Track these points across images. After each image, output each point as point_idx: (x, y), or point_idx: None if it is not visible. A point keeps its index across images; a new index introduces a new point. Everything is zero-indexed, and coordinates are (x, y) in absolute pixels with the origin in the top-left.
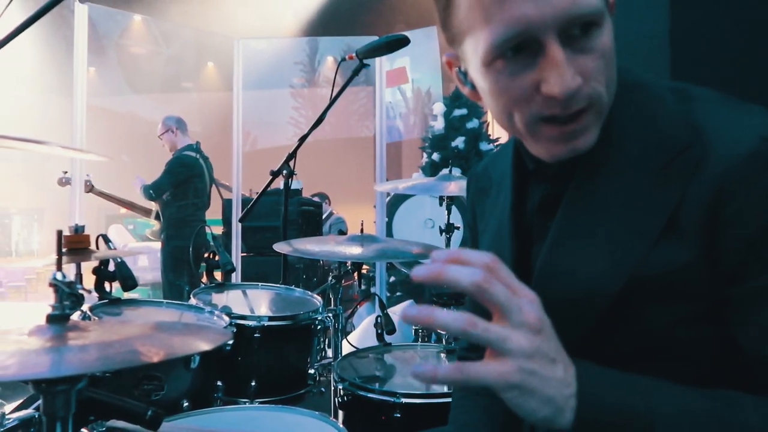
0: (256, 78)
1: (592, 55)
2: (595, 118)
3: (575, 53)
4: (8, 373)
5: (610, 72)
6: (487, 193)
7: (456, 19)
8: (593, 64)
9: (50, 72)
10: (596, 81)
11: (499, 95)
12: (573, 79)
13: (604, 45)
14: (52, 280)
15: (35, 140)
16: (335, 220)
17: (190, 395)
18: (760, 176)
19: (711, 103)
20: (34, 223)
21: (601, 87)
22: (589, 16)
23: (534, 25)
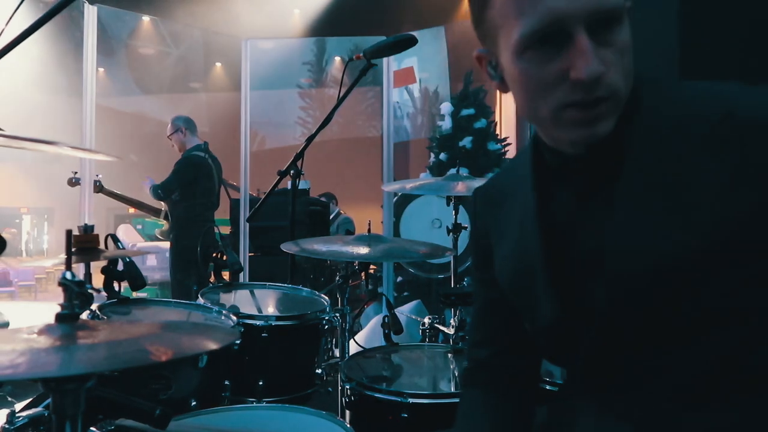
0: (264, 78)
1: (612, 48)
2: (613, 108)
3: (599, 46)
4: (18, 372)
5: (628, 66)
6: (499, 205)
7: (491, 14)
8: (613, 56)
9: (60, 73)
10: (616, 73)
11: (528, 83)
12: (598, 66)
13: (624, 40)
14: (62, 280)
15: (45, 140)
16: (343, 220)
17: (198, 394)
18: None
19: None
20: (44, 222)
21: (620, 79)
22: (612, 11)
23: (564, 17)
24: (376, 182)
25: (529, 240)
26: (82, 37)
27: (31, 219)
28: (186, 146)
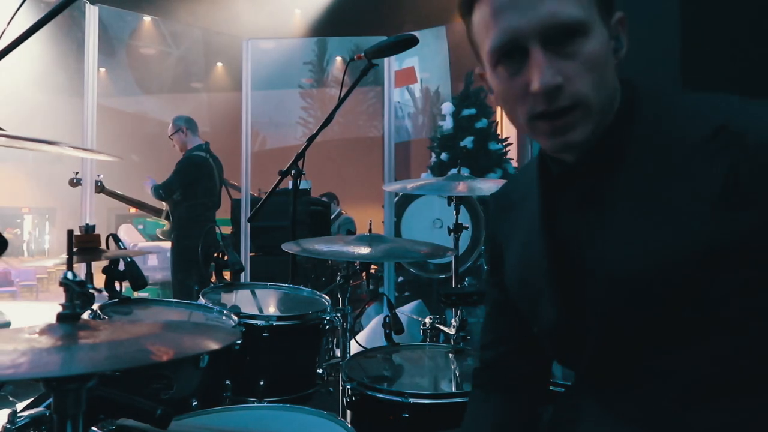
0: (265, 78)
1: (576, 60)
2: (582, 116)
3: (559, 57)
4: (20, 372)
5: (597, 77)
6: (510, 210)
7: (472, 34)
8: (577, 67)
9: (61, 73)
10: (580, 83)
11: (502, 96)
12: (552, 78)
13: (589, 52)
14: (63, 280)
15: (46, 140)
16: (344, 220)
17: (199, 394)
18: None
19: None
20: (45, 222)
21: (585, 89)
22: (567, 25)
23: (519, 33)
24: (377, 182)
25: (535, 245)
26: (83, 37)
27: (32, 219)
28: (187, 146)
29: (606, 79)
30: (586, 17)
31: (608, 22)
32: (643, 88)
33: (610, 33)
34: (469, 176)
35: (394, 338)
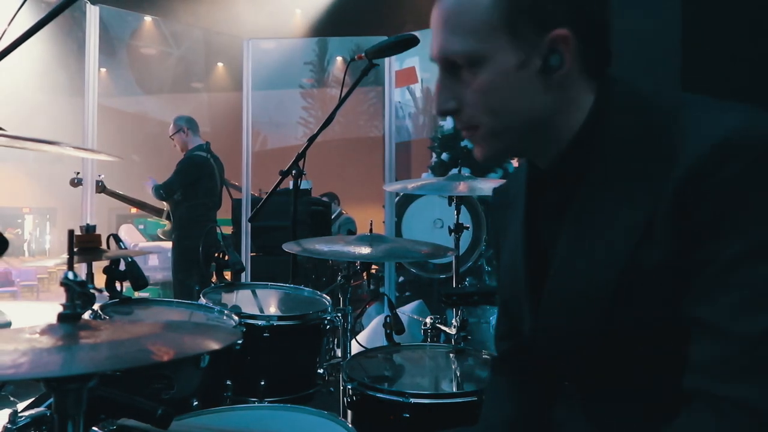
0: (266, 78)
1: (470, 87)
2: (484, 137)
3: (457, 82)
4: (20, 372)
5: (494, 102)
6: (505, 208)
7: None
8: (470, 95)
9: (62, 73)
10: (473, 109)
11: None
12: (443, 104)
13: (481, 80)
14: (64, 280)
15: (47, 141)
16: (344, 220)
17: (200, 394)
18: (720, 168)
19: (699, 104)
20: (46, 222)
21: (479, 115)
22: (452, 59)
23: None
24: (377, 182)
25: (518, 249)
26: (84, 37)
27: (33, 219)
28: (188, 146)
29: (510, 102)
30: (477, 49)
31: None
32: (621, 98)
33: (528, 55)
34: (469, 176)
35: (394, 338)
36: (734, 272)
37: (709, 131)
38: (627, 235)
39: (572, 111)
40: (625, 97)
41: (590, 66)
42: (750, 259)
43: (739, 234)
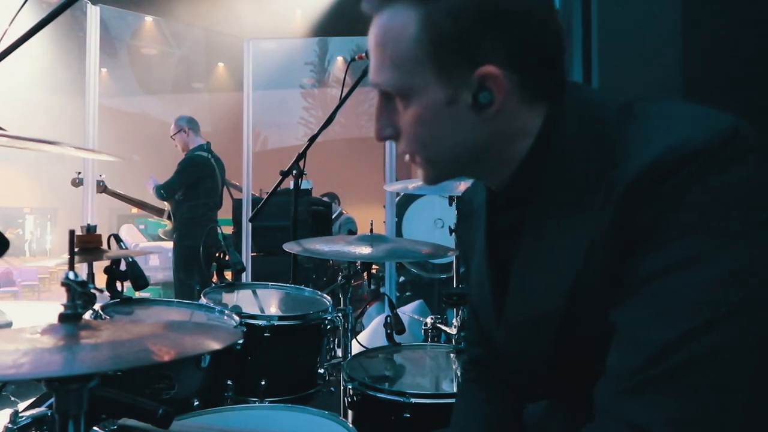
0: (267, 78)
1: (405, 116)
2: (422, 164)
3: (393, 110)
4: (22, 372)
5: (426, 134)
6: (470, 218)
7: None
8: (405, 124)
9: (63, 73)
10: (408, 140)
11: None
12: (382, 129)
13: (411, 115)
14: (65, 280)
15: (48, 141)
16: (345, 220)
17: (201, 394)
18: (650, 187)
19: (646, 119)
20: (47, 222)
21: (413, 144)
22: (383, 88)
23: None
24: (378, 182)
25: (483, 269)
26: (85, 37)
27: (34, 219)
28: (189, 146)
29: (441, 136)
30: (405, 83)
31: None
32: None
33: (456, 91)
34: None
35: (395, 338)
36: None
37: (646, 150)
38: (573, 256)
39: (518, 138)
40: (573, 116)
41: (533, 94)
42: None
43: (660, 248)
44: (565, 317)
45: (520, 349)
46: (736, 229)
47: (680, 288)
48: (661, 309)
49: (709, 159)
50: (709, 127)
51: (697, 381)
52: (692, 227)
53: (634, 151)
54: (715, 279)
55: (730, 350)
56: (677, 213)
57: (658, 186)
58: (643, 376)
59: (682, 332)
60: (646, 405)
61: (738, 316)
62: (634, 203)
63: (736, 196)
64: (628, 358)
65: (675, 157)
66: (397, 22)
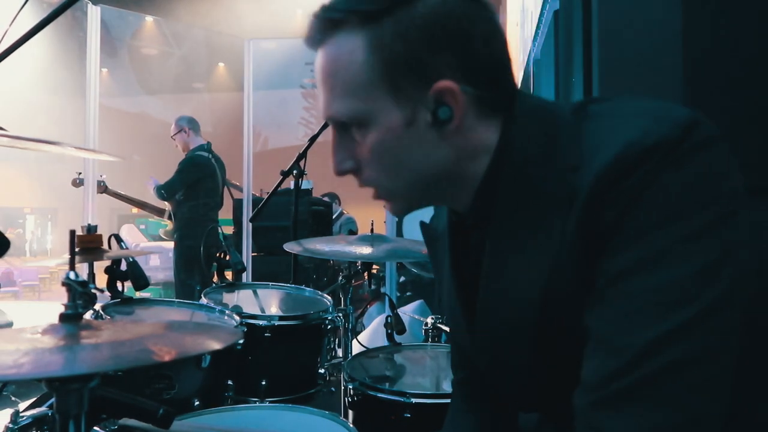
0: (267, 78)
1: (363, 147)
2: (387, 196)
3: (351, 141)
4: (22, 372)
5: (388, 163)
6: (435, 242)
7: None
8: (365, 155)
9: (63, 73)
10: (370, 169)
11: None
12: (339, 165)
13: (370, 142)
14: (65, 280)
15: (49, 141)
16: (345, 220)
17: (201, 394)
18: (611, 186)
19: (600, 118)
20: (47, 222)
21: (375, 175)
22: (336, 121)
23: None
24: None
25: (451, 289)
26: (85, 37)
27: (34, 219)
28: (189, 146)
29: (405, 160)
30: (360, 110)
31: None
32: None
33: (414, 111)
34: None
35: (395, 338)
36: (618, 284)
37: (604, 149)
38: (538, 267)
39: (478, 154)
40: (525, 124)
41: (488, 107)
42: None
43: (625, 247)
44: (538, 328)
45: (498, 367)
46: (701, 224)
47: (649, 287)
48: (632, 310)
49: (669, 152)
50: (667, 119)
51: (676, 386)
52: (657, 224)
53: (594, 150)
54: (684, 277)
55: (703, 352)
56: (640, 210)
57: (619, 182)
58: (619, 385)
59: (655, 336)
60: (626, 416)
61: (713, 315)
62: (598, 203)
63: (698, 189)
64: (603, 364)
65: (635, 152)
66: (344, 49)
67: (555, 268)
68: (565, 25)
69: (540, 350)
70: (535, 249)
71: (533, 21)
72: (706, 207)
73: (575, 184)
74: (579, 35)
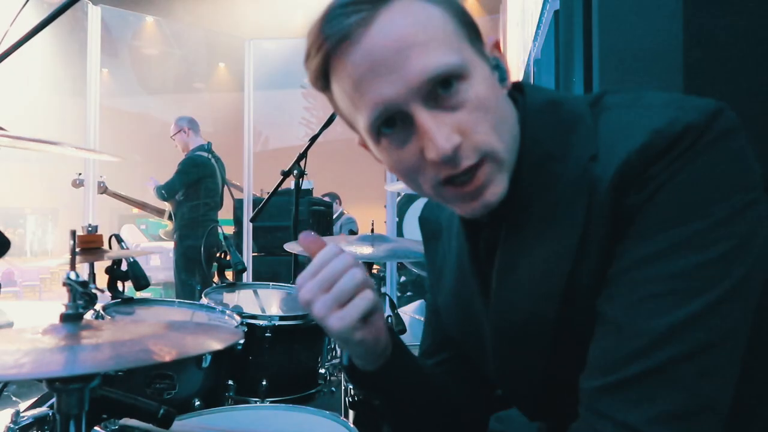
0: (267, 78)
1: (466, 108)
2: (495, 169)
3: (448, 111)
4: (23, 372)
5: (494, 120)
6: (437, 237)
7: (340, 110)
8: (470, 117)
9: (64, 73)
10: (480, 133)
11: (397, 168)
12: (448, 140)
13: (476, 96)
14: (66, 280)
15: (49, 141)
16: (346, 220)
17: (202, 394)
18: (648, 166)
19: (619, 108)
20: (48, 223)
21: (488, 138)
22: (443, 75)
23: (393, 101)
24: (379, 182)
25: (469, 285)
26: (86, 37)
27: (35, 219)
28: (190, 146)
29: (505, 118)
30: (461, 60)
31: (483, 54)
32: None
33: (489, 65)
34: None
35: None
36: (640, 269)
37: (629, 137)
38: (561, 259)
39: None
40: (541, 120)
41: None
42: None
43: (651, 233)
44: (557, 321)
45: (510, 362)
46: (723, 213)
47: (668, 274)
48: (650, 296)
49: (696, 140)
50: (692, 108)
51: (689, 373)
52: (680, 212)
53: (615, 139)
54: (703, 265)
55: (722, 338)
56: (664, 198)
57: (645, 169)
58: (631, 370)
59: (672, 322)
60: (635, 401)
61: (729, 303)
62: (623, 188)
63: (722, 178)
64: (615, 348)
65: (663, 139)
66: (416, 6)
67: (578, 258)
68: (565, 25)
69: (557, 346)
70: (556, 240)
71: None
72: (728, 196)
73: (596, 172)
74: (579, 35)
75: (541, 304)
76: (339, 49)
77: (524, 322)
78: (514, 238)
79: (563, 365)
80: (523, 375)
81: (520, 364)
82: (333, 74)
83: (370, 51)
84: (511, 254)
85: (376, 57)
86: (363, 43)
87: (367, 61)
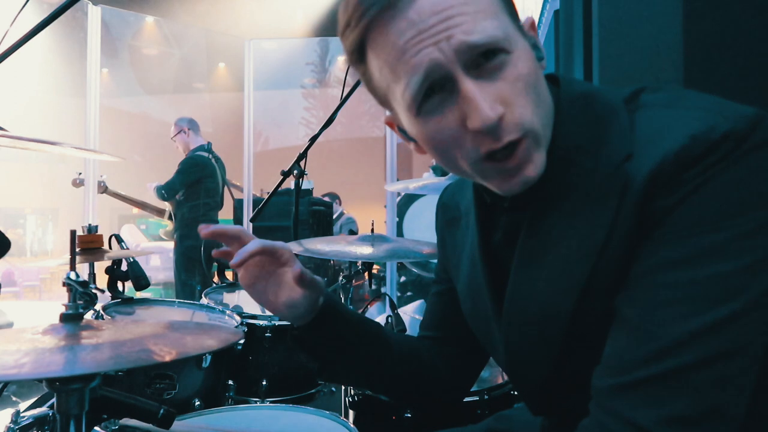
0: (268, 78)
1: (509, 81)
2: (534, 146)
3: (491, 80)
4: (23, 372)
5: (534, 96)
6: (456, 224)
7: (375, 83)
8: (511, 89)
9: (64, 73)
10: (521, 107)
11: (434, 140)
12: (492, 109)
13: (518, 70)
14: (66, 280)
15: (49, 141)
16: (346, 220)
17: (202, 394)
18: (683, 170)
19: (656, 107)
20: (48, 223)
21: (529, 114)
22: (490, 45)
23: (437, 64)
24: (379, 182)
25: (478, 275)
26: (86, 37)
27: (35, 219)
28: (190, 147)
29: (544, 98)
30: (505, 33)
31: (524, 31)
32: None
33: (529, 42)
34: None
35: None
36: (666, 272)
37: (667, 139)
38: (585, 253)
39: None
40: (574, 113)
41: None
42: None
43: (680, 237)
44: (573, 316)
45: (522, 352)
46: (755, 223)
47: (694, 280)
48: (673, 300)
49: (734, 147)
50: (732, 116)
51: (706, 379)
52: (712, 219)
53: (651, 139)
54: (730, 273)
55: (739, 349)
56: (697, 203)
57: (681, 173)
58: (647, 371)
59: (693, 327)
60: (647, 402)
61: (748, 315)
62: (657, 190)
63: (755, 187)
64: (631, 348)
65: (701, 144)
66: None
67: (601, 256)
68: (565, 25)
69: (570, 341)
70: (583, 236)
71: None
72: (757, 208)
73: (630, 172)
74: (579, 35)
75: (559, 298)
76: (383, 18)
77: (540, 314)
78: (538, 228)
79: (574, 361)
80: (533, 367)
81: (530, 356)
82: (371, 45)
83: (417, 18)
84: (532, 244)
85: (423, 24)
86: (409, 12)
87: (414, 28)
